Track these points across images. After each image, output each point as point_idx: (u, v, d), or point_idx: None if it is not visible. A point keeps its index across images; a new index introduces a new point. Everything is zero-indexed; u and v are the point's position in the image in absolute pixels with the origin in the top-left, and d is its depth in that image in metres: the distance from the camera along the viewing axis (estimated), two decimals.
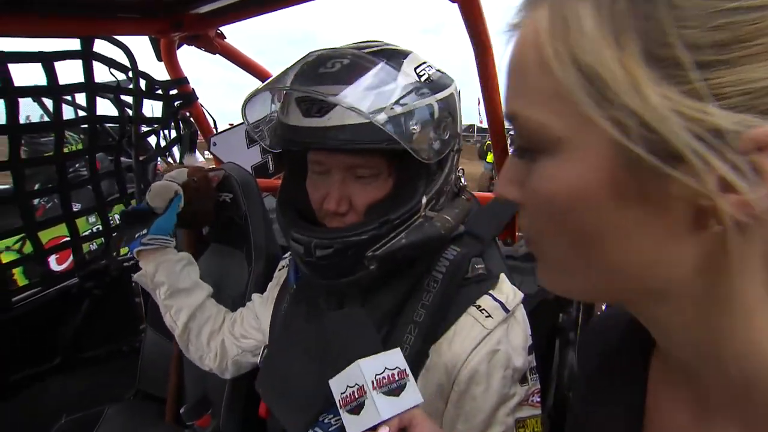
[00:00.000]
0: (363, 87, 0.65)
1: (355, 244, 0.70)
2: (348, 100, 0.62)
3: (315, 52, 0.72)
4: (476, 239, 0.82)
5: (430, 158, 0.70)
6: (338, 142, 0.67)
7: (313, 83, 0.66)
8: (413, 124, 0.67)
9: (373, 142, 0.67)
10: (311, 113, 0.68)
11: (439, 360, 0.72)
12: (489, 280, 0.77)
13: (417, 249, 0.72)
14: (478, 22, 1.13)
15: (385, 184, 0.74)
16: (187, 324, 1.02)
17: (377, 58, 0.69)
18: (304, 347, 0.80)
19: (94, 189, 1.50)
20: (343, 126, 0.66)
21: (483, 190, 9.36)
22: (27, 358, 1.47)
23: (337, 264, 0.71)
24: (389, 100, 0.65)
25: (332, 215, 0.75)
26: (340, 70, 0.67)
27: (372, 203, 0.74)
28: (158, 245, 0.99)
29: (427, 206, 0.74)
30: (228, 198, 1.42)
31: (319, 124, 0.67)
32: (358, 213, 0.74)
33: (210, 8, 1.33)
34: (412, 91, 0.68)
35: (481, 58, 1.20)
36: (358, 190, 0.73)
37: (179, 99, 1.71)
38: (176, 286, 1.01)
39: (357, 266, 0.71)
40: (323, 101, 0.67)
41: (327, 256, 0.70)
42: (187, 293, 1.03)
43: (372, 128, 0.65)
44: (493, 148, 1.41)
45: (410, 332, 0.73)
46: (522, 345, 0.74)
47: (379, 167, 0.73)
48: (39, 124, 1.28)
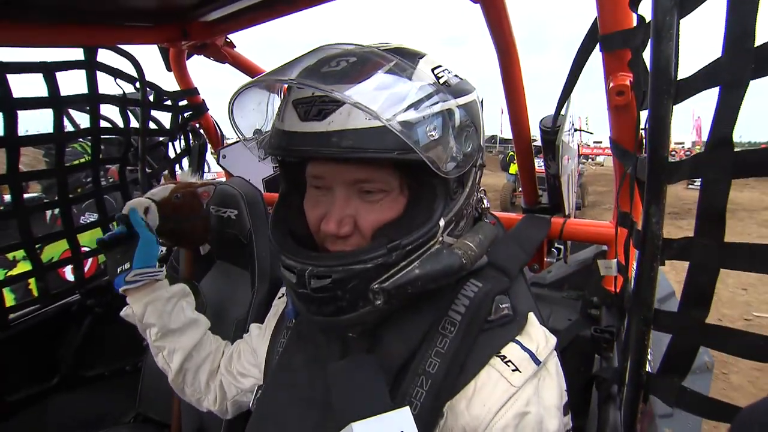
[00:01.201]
0: (373, 86, 0.54)
1: (359, 274, 0.58)
2: (355, 98, 0.51)
3: (318, 49, 0.62)
4: (501, 272, 0.70)
5: (449, 172, 0.59)
6: (340, 149, 0.55)
7: (314, 80, 0.55)
8: (431, 131, 0.56)
9: (383, 150, 0.55)
10: (310, 116, 0.57)
11: (455, 423, 0.60)
12: (515, 322, 0.65)
13: (432, 282, 0.60)
14: (502, 24, 1.02)
15: (395, 203, 0.62)
16: (182, 366, 0.91)
17: (390, 55, 0.58)
18: (301, 394, 0.70)
19: (98, 203, 1.45)
20: (347, 131, 0.55)
21: (505, 203, 9.20)
22: (26, 378, 1.42)
23: (336, 297, 0.59)
24: (403, 102, 0.54)
25: (332, 238, 0.63)
26: (346, 68, 0.56)
27: (380, 225, 0.62)
28: (145, 280, 0.89)
29: (445, 230, 0.62)
30: (233, 214, 1.34)
31: (318, 128, 0.56)
32: (363, 236, 0.62)
33: (217, 16, 1.27)
34: (431, 93, 0.57)
35: (504, 62, 1.09)
36: (364, 209, 0.62)
37: (189, 110, 1.67)
38: (168, 327, 0.90)
39: (360, 301, 0.59)
40: (324, 104, 0.56)
41: (324, 287, 0.58)
42: (180, 333, 0.91)
43: (381, 134, 0.54)
44: (517, 159, 1.29)
45: (420, 385, 0.61)
46: (556, 404, 0.61)
47: (389, 183, 0.61)
48: (39, 136, 1.22)
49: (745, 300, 4.59)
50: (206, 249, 1.36)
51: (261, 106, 0.71)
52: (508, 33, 1.04)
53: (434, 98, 0.57)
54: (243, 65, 1.55)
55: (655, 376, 0.61)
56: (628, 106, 0.80)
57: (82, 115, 1.44)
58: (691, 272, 0.54)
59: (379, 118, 0.51)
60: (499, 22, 1.02)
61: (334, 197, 0.62)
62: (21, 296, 2.09)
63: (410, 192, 0.63)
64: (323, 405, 0.64)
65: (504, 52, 1.07)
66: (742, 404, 0.52)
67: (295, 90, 0.61)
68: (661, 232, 0.57)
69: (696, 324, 0.55)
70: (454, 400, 0.61)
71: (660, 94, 0.52)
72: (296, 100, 0.60)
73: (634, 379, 0.62)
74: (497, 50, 1.08)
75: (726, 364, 3.25)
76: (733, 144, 0.46)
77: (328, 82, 0.53)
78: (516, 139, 1.23)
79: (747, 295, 4.69)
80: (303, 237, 0.69)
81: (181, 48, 1.48)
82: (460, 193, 0.65)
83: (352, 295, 0.59)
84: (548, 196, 1.25)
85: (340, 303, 0.59)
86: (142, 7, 1.21)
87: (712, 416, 0.55)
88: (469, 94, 0.64)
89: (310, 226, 0.67)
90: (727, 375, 3.20)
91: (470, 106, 0.64)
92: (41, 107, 1.19)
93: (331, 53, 0.59)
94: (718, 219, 0.50)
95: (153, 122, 1.59)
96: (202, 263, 1.41)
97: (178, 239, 1.26)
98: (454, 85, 0.63)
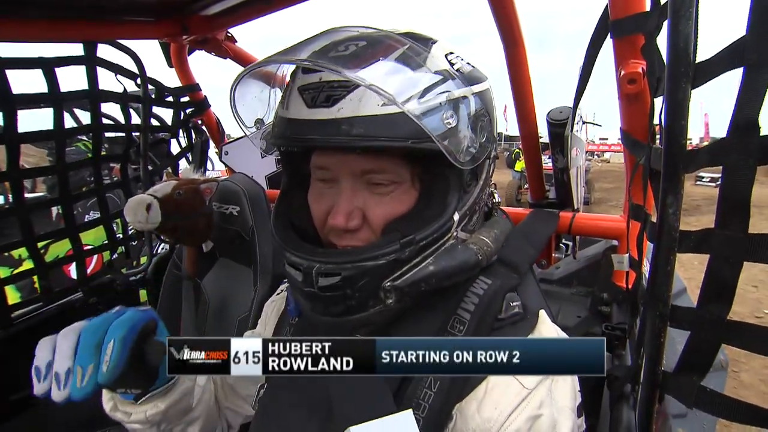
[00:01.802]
0: (385, 70, 0.51)
1: (370, 271, 0.55)
2: (369, 81, 0.48)
3: (331, 30, 0.58)
4: (510, 268, 0.67)
5: (465, 163, 0.56)
6: (350, 138, 0.52)
7: (325, 63, 0.52)
8: (447, 118, 0.53)
9: (396, 139, 0.52)
10: (317, 103, 0.54)
11: (465, 426, 0.57)
12: (526, 320, 0.62)
13: (447, 279, 0.58)
14: (509, 17, 0.99)
15: (406, 195, 0.59)
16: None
17: (403, 39, 0.56)
18: (303, 396, 0.67)
19: (99, 200, 1.44)
20: (358, 118, 0.52)
21: (510, 200, 9.14)
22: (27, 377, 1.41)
23: (346, 296, 0.56)
24: (418, 88, 0.51)
25: (340, 233, 0.60)
26: (356, 51, 0.52)
27: (391, 219, 0.59)
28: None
29: (459, 225, 0.59)
30: (235, 211, 1.33)
31: (326, 115, 0.53)
32: (373, 231, 0.59)
33: (216, 10, 1.25)
34: (446, 80, 0.55)
35: (512, 55, 1.06)
36: (374, 201, 0.59)
37: (191, 107, 1.65)
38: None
39: (370, 300, 0.57)
40: (332, 89, 0.53)
41: (333, 286, 0.55)
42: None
43: (394, 122, 0.51)
44: (524, 153, 1.26)
45: (429, 387, 0.57)
46: (570, 405, 0.58)
47: (400, 174, 0.58)
48: (38, 133, 1.21)
49: (755, 297, 4.52)
50: (209, 246, 1.35)
51: (263, 94, 0.68)
52: (515, 26, 1.02)
53: (450, 84, 0.55)
54: (245, 60, 1.53)
55: (672, 375, 0.58)
56: (640, 95, 0.77)
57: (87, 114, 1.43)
58: (711, 266, 0.52)
59: (395, 103, 0.48)
60: (506, 14, 0.99)
61: (340, 189, 0.59)
62: (27, 294, 2.09)
63: (422, 184, 0.60)
64: (326, 408, 0.62)
65: (511, 45, 1.05)
66: (754, 402, 0.50)
67: (300, 75, 0.58)
68: (678, 224, 0.54)
69: (717, 320, 0.52)
70: (463, 402, 0.58)
71: (678, 77, 0.49)
72: (302, 86, 0.56)
73: (650, 377, 0.59)
74: (504, 44, 1.05)
75: (737, 363, 3.19)
76: (759, 127, 0.43)
77: (340, 64, 0.50)
78: (523, 134, 1.21)
79: (757, 292, 4.62)
80: (307, 233, 0.66)
81: (182, 43, 1.47)
82: (474, 186, 0.62)
83: (362, 294, 0.56)
84: (556, 191, 1.22)
85: (350, 302, 0.57)
86: (141, 1, 1.19)
87: (732, 417, 0.53)
88: (483, 82, 0.62)
89: (315, 221, 0.64)
90: (738, 373, 3.15)
91: (484, 95, 0.61)
92: (41, 104, 1.18)
93: (340, 37, 0.56)
94: (742, 208, 0.47)
95: (155, 119, 1.57)
96: (205, 260, 1.40)
97: (181, 236, 1.25)
98: (468, 73, 0.60)
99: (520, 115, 1.17)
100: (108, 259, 1.59)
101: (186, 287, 1.38)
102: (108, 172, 2.74)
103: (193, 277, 1.35)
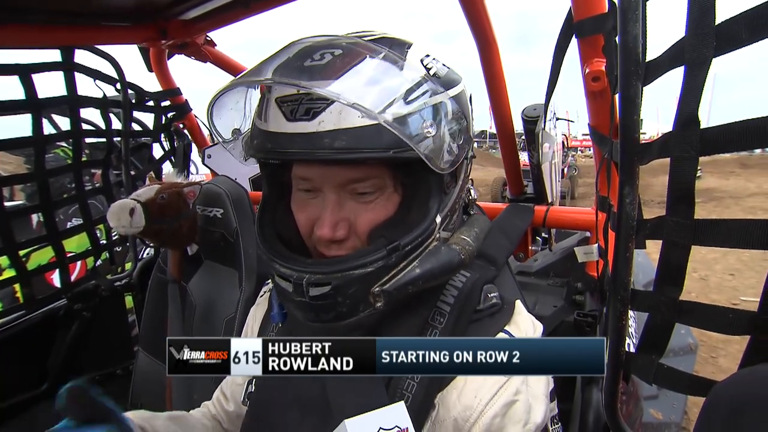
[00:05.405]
0: (363, 81, 0.52)
1: (359, 279, 0.56)
2: (346, 95, 0.48)
3: (299, 41, 0.59)
4: (488, 261, 0.70)
5: (444, 168, 0.57)
6: (333, 151, 0.52)
7: (296, 77, 0.52)
8: (427, 126, 0.54)
9: (378, 149, 0.53)
10: (297, 116, 0.54)
11: (447, 414, 0.59)
12: (503, 311, 0.65)
13: (433, 279, 0.59)
14: (481, 17, 1.03)
15: (389, 201, 0.60)
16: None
17: (377, 46, 0.56)
18: (296, 396, 0.68)
19: (81, 207, 1.43)
20: (339, 131, 0.52)
21: (496, 196, 9.19)
22: (15, 385, 1.40)
23: (337, 304, 0.57)
24: (397, 98, 0.52)
25: (327, 242, 0.61)
26: (331, 61, 0.53)
27: (376, 226, 0.60)
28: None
29: (441, 226, 0.61)
30: (219, 213, 1.34)
31: (307, 129, 0.53)
32: (359, 238, 0.61)
33: (195, 14, 1.26)
34: (423, 87, 0.56)
35: (485, 54, 1.09)
36: (359, 210, 0.60)
37: (172, 111, 1.65)
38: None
39: (360, 304, 0.58)
40: (312, 102, 0.54)
41: (324, 295, 0.56)
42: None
43: (376, 133, 0.52)
44: (500, 149, 1.30)
45: (412, 378, 0.60)
46: (544, 391, 0.61)
47: (384, 181, 0.59)
48: (17, 139, 1.20)
49: (732, 285, 4.67)
50: (194, 249, 1.36)
51: (239, 105, 0.68)
52: (487, 26, 1.05)
53: (427, 92, 0.56)
54: (225, 64, 1.54)
55: (633, 355, 0.62)
56: (603, 92, 0.81)
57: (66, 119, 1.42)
58: (664, 251, 0.55)
59: (376, 118, 0.49)
60: (478, 15, 1.02)
61: (325, 200, 0.60)
62: (8, 304, 2.06)
63: (404, 189, 0.61)
64: (320, 405, 0.63)
65: (484, 44, 1.08)
66: None
67: (276, 86, 0.58)
68: (635, 213, 0.58)
69: (671, 301, 0.56)
70: (444, 391, 0.60)
71: (629, 75, 0.53)
72: (280, 97, 0.57)
73: (614, 358, 0.63)
74: (477, 43, 1.08)
75: (715, 349, 3.30)
76: (699, 121, 0.47)
77: (314, 77, 0.51)
78: (499, 130, 1.24)
79: (734, 280, 4.77)
80: (293, 242, 0.66)
81: (161, 47, 1.47)
82: (453, 187, 0.64)
83: (352, 301, 0.57)
84: (533, 186, 1.26)
85: (340, 309, 0.58)
86: (118, 6, 1.19)
87: (689, 391, 0.56)
88: (458, 85, 0.63)
89: (301, 230, 0.64)
90: (716, 359, 3.25)
91: (460, 97, 0.63)
92: (18, 110, 1.17)
93: (311, 43, 0.57)
94: (688, 196, 0.51)
95: (136, 123, 1.57)
96: (190, 264, 1.40)
97: (165, 240, 1.25)
98: (444, 76, 0.61)
99: (496, 113, 1.21)
100: (92, 266, 1.58)
101: (172, 291, 1.37)
102: (89, 178, 2.71)
103: (178, 280, 1.35)
